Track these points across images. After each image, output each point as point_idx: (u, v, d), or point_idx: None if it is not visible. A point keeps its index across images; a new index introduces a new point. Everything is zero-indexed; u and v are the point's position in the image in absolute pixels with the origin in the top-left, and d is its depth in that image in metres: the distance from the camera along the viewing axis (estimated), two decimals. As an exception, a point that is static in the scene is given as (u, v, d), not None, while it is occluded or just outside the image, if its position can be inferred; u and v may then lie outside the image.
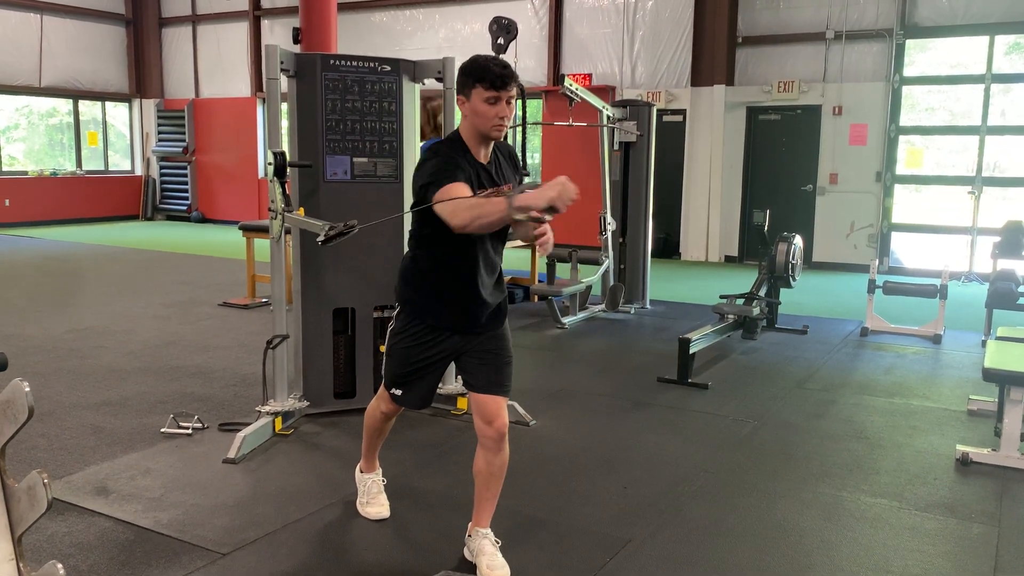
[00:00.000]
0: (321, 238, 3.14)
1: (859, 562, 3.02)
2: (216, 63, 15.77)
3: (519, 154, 2.97)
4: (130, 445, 4.06)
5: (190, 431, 4.23)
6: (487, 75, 2.60)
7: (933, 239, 10.79)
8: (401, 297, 2.92)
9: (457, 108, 2.76)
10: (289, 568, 2.91)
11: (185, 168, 16.20)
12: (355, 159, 4.42)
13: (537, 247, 2.68)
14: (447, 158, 2.66)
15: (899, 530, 3.29)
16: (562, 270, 7.74)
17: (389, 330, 2.97)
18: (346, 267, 4.44)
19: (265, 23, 15.08)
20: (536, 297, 8.01)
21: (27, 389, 1.71)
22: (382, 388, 3.04)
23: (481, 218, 2.42)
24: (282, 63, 4.23)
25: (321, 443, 4.17)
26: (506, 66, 2.64)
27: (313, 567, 2.93)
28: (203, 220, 15.99)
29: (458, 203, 2.46)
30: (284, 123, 4.46)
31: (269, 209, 4.15)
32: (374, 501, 3.32)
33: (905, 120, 10.68)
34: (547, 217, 2.34)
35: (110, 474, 3.70)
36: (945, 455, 4.12)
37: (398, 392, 2.94)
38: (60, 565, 1.70)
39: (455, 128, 2.79)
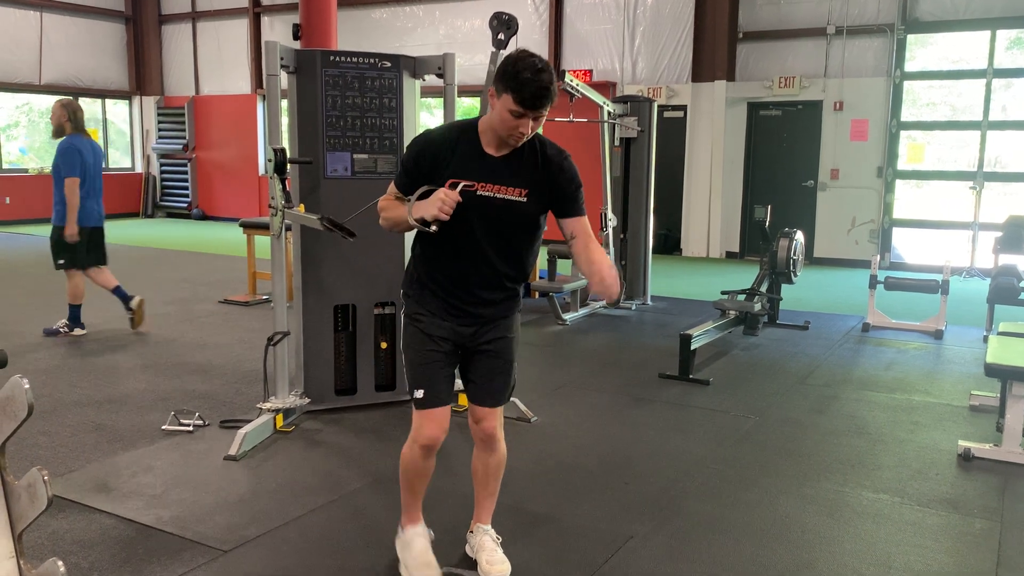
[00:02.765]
0: (321, 226, 3.16)
1: (861, 558, 3.01)
2: (216, 60, 15.75)
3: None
4: (131, 442, 4.05)
5: (191, 428, 4.23)
6: (522, 91, 2.38)
7: (934, 234, 10.78)
8: (403, 286, 2.80)
9: (468, 103, 2.67)
10: (290, 565, 2.91)
11: (185, 165, 16.20)
12: (355, 155, 4.41)
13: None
14: (421, 149, 2.59)
15: (901, 526, 3.29)
16: (563, 266, 7.73)
17: (403, 331, 2.79)
18: (347, 264, 4.43)
19: (265, 20, 15.06)
20: (537, 293, 8.01)
21: (27, 386, 1.70)
22: (412, 432, 2.73)
23: (388, 221, 2.65)
24: (282, 59, 4.23)
25: (322, 440, 4.17)
26: (547, 87, 2.39)
27: (314, 564, 2.92)
28: (204, 217, 15.99)
29: (383, 205, 2.66)
30: (284, 120, 4.45)
31: (269, 206, 4.14)
32: (422, 562, 2.79)
33: (906, 115, 10.67)
34: (432, 228, 2.48)
35: (111, 471, 3.69)
36: (947, 451, 4.11)
37: (420, 393, 2.66)
38: (61, 562, 1.69)
39: (446, 121, 2.69)
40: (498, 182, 2.55)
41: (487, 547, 2.87)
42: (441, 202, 2.43)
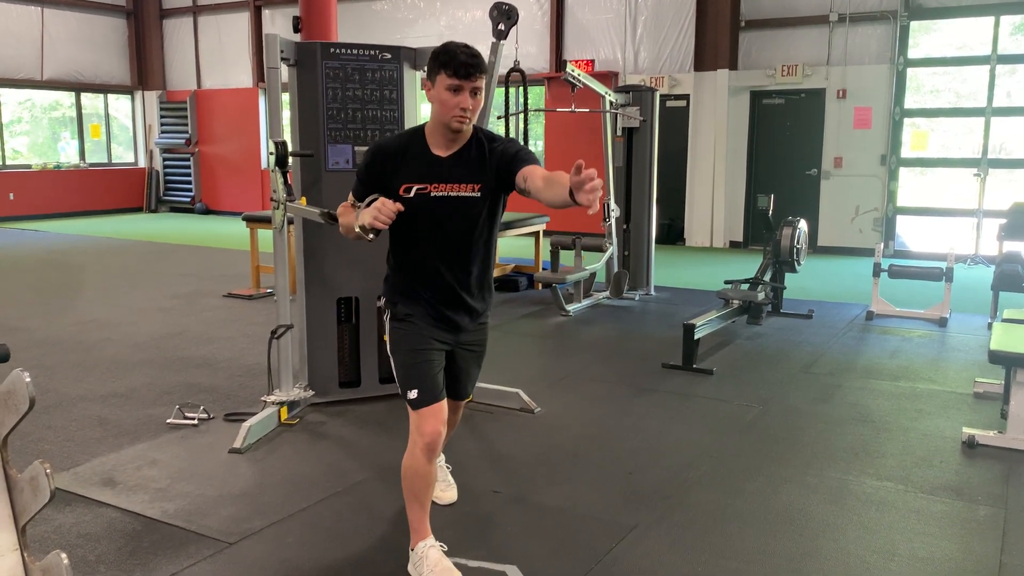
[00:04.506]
0: (320, 214, 3.21)
1: (865, 545, 3.02)
2: (217, 54, 15.74)
3: (520, 141, 2.78)
4: (136, 436, 4.07)
5: (196, 422, 4.24)
6: (452, 62, 2.49)
7: (938, 222, 10.74)
8: (385, 295, 2.80)
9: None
10: (295, 557, 2.92)
11: (188, 160, 16.20)
12: (357, 148, 4.40)
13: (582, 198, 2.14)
14: (372, 159, 2.65)
15: (905, 513, 3.29)
16: (566, 257, 7.73)
17: (388, 335, 2.79)
18: (349, 256, 4.43)
19: (266, 13, 15.04)
20: (540, 284, 8.00)
21: (28, 379, 1.71)
22: (411, 435, 2.68)
23: (343, 227, 2.70)
24: (282, 52, 4.22)
25: (326, 432, 4.18)
26: (475, 55, 2.52)
27: (320, 556, 2.93)
28: (207, 211, 16.00)
29: (340, 211, 2.77)
30: (286, 113, 4.45)
31: (272, 199, 4.14)
32: (442, 568, 2.72)
33: (910, 102, 10.62)
34: (370, 236, 2.53)
35: (117, 465, 3.71)
36: (951, 438, 4.11)
37: (414, 393, 2.64)
38: (64, 555, 1.70)
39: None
40: (450, 181, 2.61)
41: (439, 476, 3.25)
42: (377, 211, 2.47)
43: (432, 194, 2.60)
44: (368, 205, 2.55)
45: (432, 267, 2.68)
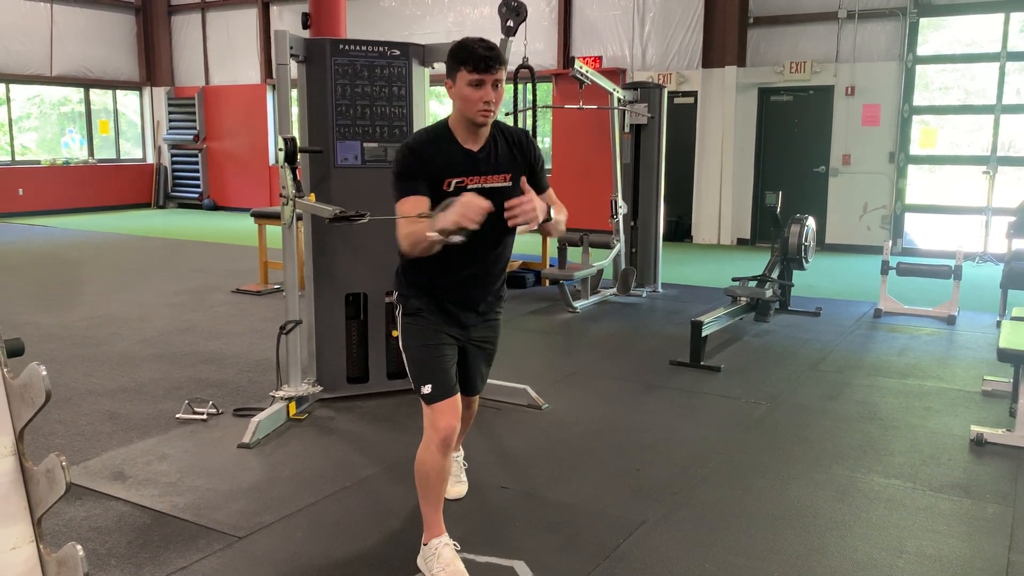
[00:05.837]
0: (330, 217, 3.19)
1: (873, 543, 3.02)
2: (226, 50, 15.77)
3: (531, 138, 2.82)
4: (146, 431, 4.09)
5: (205, 417, 4.26)
6: (471, 57, 2.51)
7: (947, 219, 10.70)
8: (397, 288, 2.80)
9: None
10: (304, 551, 2.93)
11: (196, 156, 16.24)
12: (365, 144, 4.41)
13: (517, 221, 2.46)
14: (411, 154, 2.59)
15: (913, 511, 3.28)
16: (573, 254, 7.73)
17: (400, 330, 2.78)
18: (357, 252, 4.44)
19: (274, 9, 15.06)
20: (547, 281, 8.01)
21: (44, 373, 1.72)
22: (426, 431, 2.68)
23: (416, 244, 2.49)
24: (292, 48, 4.23)
25: (335, 427, 4.19)
26: (492, 48, 2.53)
27: (328, 550, 2.95)
28: (215, 208, 16.04)
29: (401, 227, 2.53)
30: (294, 109, 4.46)
31: (280, 195, 4.16)
32: (452, 570, 2.70)
33: (919, 100, 10.58)
34: (456, 238, 2.40)
35: (127, 459, 3.73)
36: (959, 436, 4.10)
37: (428, 388, 2.64)
38: (79, 547, 1.72)
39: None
40: (485, 173, 2.64)
41: (453, 471, 3.22)
42: (465, 208, 2.36)
43: (469, 187, 2.59)
44: (444, 209, 2.44)
45: (456, 261, 2.64)
